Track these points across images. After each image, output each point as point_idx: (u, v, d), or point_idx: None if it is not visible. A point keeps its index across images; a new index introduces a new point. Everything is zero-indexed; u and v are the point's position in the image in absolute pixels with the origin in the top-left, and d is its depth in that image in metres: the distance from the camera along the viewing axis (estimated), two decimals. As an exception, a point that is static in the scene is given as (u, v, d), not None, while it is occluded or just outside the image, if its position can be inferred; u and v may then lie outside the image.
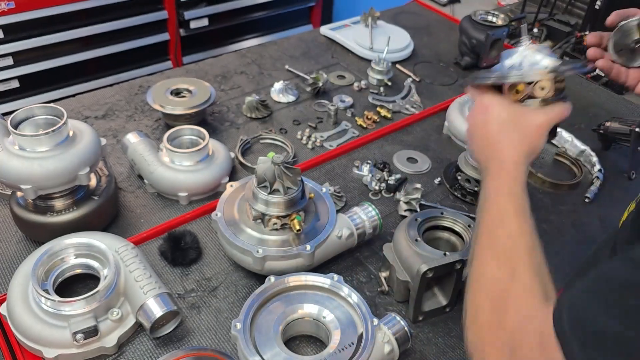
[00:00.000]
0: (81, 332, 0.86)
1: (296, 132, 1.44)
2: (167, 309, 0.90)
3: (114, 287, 0.91)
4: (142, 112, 1.47)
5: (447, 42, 1.90)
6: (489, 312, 0.65)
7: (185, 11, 2.82)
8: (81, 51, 2.64)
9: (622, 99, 1.69)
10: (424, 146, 1.43)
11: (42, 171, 0.97)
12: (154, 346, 0.93)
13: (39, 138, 0.97)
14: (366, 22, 1.86)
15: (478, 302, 0.68)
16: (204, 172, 1.18)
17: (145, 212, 1.19)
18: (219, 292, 1.03)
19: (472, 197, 1.26)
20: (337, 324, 0.90)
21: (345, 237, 1.04)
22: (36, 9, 2.40)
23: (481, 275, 0.69)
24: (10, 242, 1.10)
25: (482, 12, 1.72)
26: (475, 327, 0.66)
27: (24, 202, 1.05)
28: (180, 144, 1.23)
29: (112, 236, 1.00)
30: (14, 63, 2.47)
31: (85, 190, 1.08)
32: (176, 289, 1.03)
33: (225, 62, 1.72)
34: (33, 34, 2.46)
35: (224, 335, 0.96)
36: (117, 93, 1.54)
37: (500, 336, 0.62)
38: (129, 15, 2.68)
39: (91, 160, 1.02)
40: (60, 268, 0.96)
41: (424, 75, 1.72)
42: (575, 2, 2.15)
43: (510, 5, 2.26)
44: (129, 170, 1.28)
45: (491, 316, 0.64)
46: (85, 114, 1.45)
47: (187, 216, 1.16)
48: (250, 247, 0.98)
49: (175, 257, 1.06)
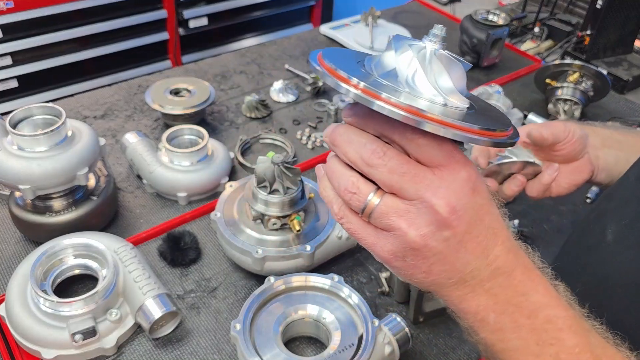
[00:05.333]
0: (80, 332, 0.85)
1: (296, 132, 1.43)
2: (167, 309, 0.89)
3: (112, 287, 0.90)
4: (141, 112, 1.46)
5: (447, 41, 1.89)
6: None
7: (184, 10, 2.81)
8: (80, 51, 2.63)
9: (623, 98, 1.68)
10: (424, 146, 1.42)
11: (41, 171, 0.96)
12: (153, 347, 0.93)
13: (38, 138, 0.96)
14: (366, 21, 1.85)
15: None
16: (203, 172, 1.18)
17: (144, 212, 1.18)
18: (219, 292, 1.03)
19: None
20: (337, 324, 0.89)
21: (346, 237, 1.04)
22: (35, 8, 2.39)
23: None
24: (9, 243, 1.09)
25: (483, 11, 1.71)
26: None
27: (22, 202, 1.05)
28: (179, 143, 1.23)
29: (111, 236, 1.00)
30: (12, 63, 2.47)
31: (84, 191, 1.08)
32: (175, 290, 1.02)
33: (225, 62, 1.71)
34: (32, 33, 2.46)
35: (223, 336, 0.95)
36: (116, 93, 1.53)
37: None
38: (128, 15, 2.67)
39: (90, 160, 1.02)
40: (59, 268, 0.95)
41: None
42: (576, 2, 2.14)
43: (511, 5, 2.25)
44: (128, 170, 1.28)
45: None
46: (84, 113, 1.44)
47: (186, 216, 1.16)
48: (249, 248, 0.98)
49: (175, 257, 1.06)
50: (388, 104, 0.43)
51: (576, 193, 1.30)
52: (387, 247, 0.48)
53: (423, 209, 0.46)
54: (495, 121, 0.49)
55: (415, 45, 0.48)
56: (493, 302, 0.50)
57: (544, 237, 1.19)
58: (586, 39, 1.82)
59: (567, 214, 1.26)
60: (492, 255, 0.49)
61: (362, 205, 0.48)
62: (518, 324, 0.49)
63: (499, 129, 0.46)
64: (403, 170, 0.46)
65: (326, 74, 0.47)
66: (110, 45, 2.70)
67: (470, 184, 0.47)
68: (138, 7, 2.70)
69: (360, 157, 0.47)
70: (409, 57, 0.47)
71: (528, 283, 0.50)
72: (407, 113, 0.42)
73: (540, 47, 1.98)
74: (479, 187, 0.48)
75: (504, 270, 0.49)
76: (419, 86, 0.46)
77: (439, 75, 0.47)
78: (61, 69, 2.61)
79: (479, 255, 0.49)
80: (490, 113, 0.51)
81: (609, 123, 0.93)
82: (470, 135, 0.43)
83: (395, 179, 0.46)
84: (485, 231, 0.49)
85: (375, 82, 0.46)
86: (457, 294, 0.50)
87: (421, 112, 0.43)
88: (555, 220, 1.24)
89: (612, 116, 1.49)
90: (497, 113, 0.52)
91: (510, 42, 1.98)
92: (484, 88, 1.51)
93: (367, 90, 0.44)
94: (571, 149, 0.86)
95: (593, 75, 1.49)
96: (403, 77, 0.46)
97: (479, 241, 0.48)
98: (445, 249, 0.48)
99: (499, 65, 1.77)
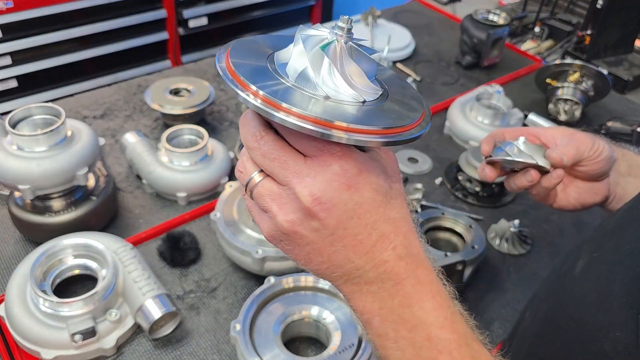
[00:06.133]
0: (79, 333, 0.85)
1: (296, 131, 1.43)
2: (166, 310, 0.89)
3: (112, 288, 0.90)
4: (141, 112, 1.46)
5: (448, 41, 1.90)
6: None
7: (184, 10, 2.81)
8: (80, 50, 2.63)
9: (623, 98, 1.68)
10: (424, 146, 1.42)
11: (40, 171, 0.96)
12: (153, 347, 0.93)
13: (37, 138, 0.96)
14: (367, 21, 1.85)
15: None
16: (203, 172, 1.18)
17: (143, 212, 1.18)
18: (218, 293, 1.03)
19: (473, 197, 1.25)
20: (338, 325, 0.89)
21: (346, 237, 1.04)
22: (35, 8, 2.38)
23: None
24: (9, 243, 1.09)
25: (483, 11, 1.71)
26: None
27: (22, 203, 1.05)
28: (179, 143, 1.23)
29: (110, 236, 1.00)
30: (12, 62, 2.46)
31: (84, 191, 1.07)
32: (175, 290, 1.02)
33: (225, 61, 1.71)
34: (31, 33, 2.45)
35: (223, 336, 0.95)
36: (115, 92, 1.53)
37: None
38: (128, 14, 2.67)
39: (90, 160, 1.02)
40: (59, 269, 0.95)
41: (425, 74, 1.72)
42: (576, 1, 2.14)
43: (512, 5, 2.25)
44: (128, 170, 1.28)
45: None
46: (83, 113, 1.44)
47: (186, 216, 1.16)
48: (249, 248, 0.98)
49: (174, 257, 1.06)
50: (252, 95, 0.44)
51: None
52: (266, 228, 0.50)
53: (291, 195, 0.47)
54: (401, 114, 0.48)
55: (314, 38, 0.47)
56: (378, 307, 0.49)
57: (544, 237, 1.19)
58: (586, 39, 1.82)
59: (567, 213, 1.25)
60: (379, 258, 0.48)
61: (245, 184, 0.50)
62: (399, 335, 0.49)
63: (396, 125, 0.45)
64: (274, 155, 0.47)
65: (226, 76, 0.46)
66: (110, 45, 2.69)
67: (344, 178, 0.46)
68: (138, 7, 2.69)
69: (245, 139, 0.49)
70: (300, 50, 0.47)
71: (416, 296, 0.48)
72: (264, 106, 0.43)
73: (541, 47, 1.98)
74: (360, 185, 0.47)
75: (392, 277, 0.48)
76: (310, 79, 0.46)
77: (342, 67, 0.47)
78: (61, 69, 2.60)
79: (361, 254, 0.48)
80: (403, 102, 0.50)
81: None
82: (331, 132, 0.43)
83: (267, 163, 0.47)
84: (367, 231, 0.48)
85: (256, 71, 0.46)
86: (346, 290, 0.51)
87: (280, 105, 0.43)
88: (555, 220, 1.24)
89: (613, 116, 1.49)
90: (412, 102, 0.50)
91: (511, 41, 1.97)
92: (484, 88, 1.51)
93: (241, 81, 0.45)
94: (595, 168, 0.80)
95: (593, 75, 1.49)
96: (293, 70, 0.47)
97: (360, 240, 0.48)
98: (318, 239, 0.47)
99: (499, 65, 1.77)
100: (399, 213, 0.50)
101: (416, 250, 0.50)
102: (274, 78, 0.47)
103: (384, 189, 0.49)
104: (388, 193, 0.49)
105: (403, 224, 0.50)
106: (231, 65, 0.46)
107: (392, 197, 0.49)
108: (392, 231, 0.49)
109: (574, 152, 0.79)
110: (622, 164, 0.82)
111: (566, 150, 0.79)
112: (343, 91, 0.46)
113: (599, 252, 0.61)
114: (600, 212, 1.25)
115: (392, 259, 0.48)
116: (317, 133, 0.43)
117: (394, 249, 0.48)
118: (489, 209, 1.25)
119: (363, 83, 0.48)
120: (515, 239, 1.14)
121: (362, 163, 0.47)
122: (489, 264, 1.11)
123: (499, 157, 0.83)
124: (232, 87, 0.45)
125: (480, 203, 1.25)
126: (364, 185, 0.47)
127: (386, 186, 0.49)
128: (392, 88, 0.51)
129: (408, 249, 0.49)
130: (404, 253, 0.49)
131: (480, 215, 1.22)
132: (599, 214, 1.25)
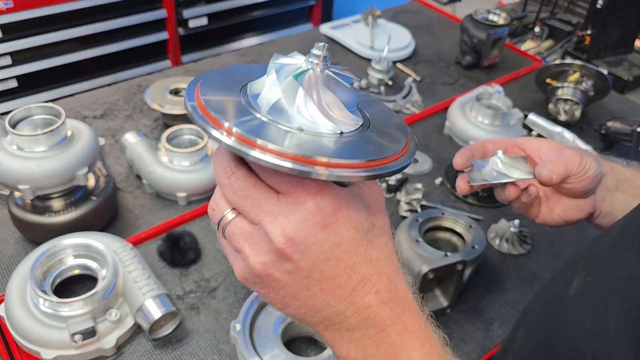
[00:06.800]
0: (79, 333, 0.85)
1: (296, 131, 1.43)
2: (166, 310, 0.89)
3: (112, 288, 0.90)
4: (141, 112, 1.46)
5: (448, 41, 1.90)
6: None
7: (184, 10, 2.81)
8: (80, 50, 2.63)
9: (623, 98, 1.68)
10: (424, 146, 1.42)
11: (40, 171, 0.96)
12: (153, 347, 0.93)
13: (37, 138, 0.96)
14: (366, 21, 1.85)
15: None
16: (203, 172, 1.18)
17: (144, 212, 1.18)
18: (218, 293, 1.03)
19: (473, 197, 1.25)
20: (338, 325, 0.89)
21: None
22: (35, 8, 2.39)
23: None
24: (9, 243, 1.09)
25: (483, 11, 1.71)
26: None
27: (22, 203, 1.05)
28: (179, 143, 1.23)
29: (110, 236, 1.00)
30: (12, 62, 2.46)
31: (84, 191, 1.07)
32: (175, 290, 1.02)
33: (225, 62, 1.71)
34: (31, 33, 2.45)
35: (223, 336, 0.95)
36: (115, 92, 1.53)
37: None
38: (128, 14, 2.67)
39: (90, 160, 1.02)
40: (59, 269, 0.95)
41: (425, 74, 1.72)
42: (576, 1, 2.14)
43: (512, 5, 2.25)
44: (128, 170, 1.28)
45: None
46: (83, 113, 1.44)
47: (186, 216, 1.16)
48: (249, 248, 0.97)
49: (174, 257, 1.06)
50: (226, 132, 0.41)
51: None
52: (238, 269, 0.47)
53: (263, 235, 0.43)
54: (383, 144, 0.44)
55: (288, 67, 0.45)
56: (362, 356, 0.46)
57: (544, 237, 1.19)
58: (587, 39, 1.82)
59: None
60: (360, 303, 0.45)
61: (217, 222, 0.47)
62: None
63: (379, 157, 0.42)
64: (245, 192, 0.44)
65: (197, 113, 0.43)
66: (110, 45, 2.69)
67: (319, 217, 0.42)
68: (138, 7, 2.70)
69: (216, 174, 0.46)
70: (273, 80, 0.44)
71: (402, 345, 0.45)
72: (237, 143, 0.40)
73: (541, 47, 1.98)
74: (337, 224, 0.43)
75: (376, 324, 0.45)
76: (284, 110, 0.43)
77: (318, 97, 0.44)
78: (61, 69, 2.60)
79: (341, 298, 0.45)
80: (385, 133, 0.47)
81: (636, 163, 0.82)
82: (311, 169, 0.39)
83: (238, 200, 0.44)
84: (347, 273, 0.44)
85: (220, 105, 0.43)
86: (327, 336, 0.47)
87: (255, 142, 0.40)
88: (555, 220, 1.24)
89: (613, 116, 1.49)
90: (395, 132, 0.48)
91: (511, 41, 1.98)
92: (484, 88, 1.51)
93: (213, 117, 0.41)
94: (581, 185, 0.77)
95: (593, 75, 1.49)
96: (266, 101, 0.44)
97: (338, 283, 0.44)
98: (292, 283, 0.44)
99: (499, 65, 1.77)
100: (383, 252, 0.46)
101: (402, 293, 0.47)
102: (246, 112, 0.44)
103: (365, 227, 0.45)
104: (370, 231, 0.46)
105: (387, 264, 0.46)
106: (201, 101, 0.43)
107: (374, 236, 0.46)
108: (374, 273, 0.45)
109: (563, 170, 0.75)
110: (610, 179, 0.79)
111: (555, 167, 0.75)
112: (319, 122, 0.43)
113: (593, 274, 0.59)
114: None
115: (375, 304, 0.45)
116: (295, 171, 0.39)
117: (377, 293, 0.45)
118: (489, 209, 1.25)
119: (341, 114, 0.45)
120: (515, 239, 1.14)
121: (341, 199, 0.44)
122: (489, 264, 1.11)
123: (476, 184, 0.80)
124: (203, 125, 0.41)
125: (480, 203, 1.25)
126: (342, 224, 0.43)
127: (368, 224, 0.45)
128: (375, 117, 0.48)
129: (393, 293, 0.46)
130: (388, 297, 0.45)
131: (480, 215, 1.22)
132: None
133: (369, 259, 0.45)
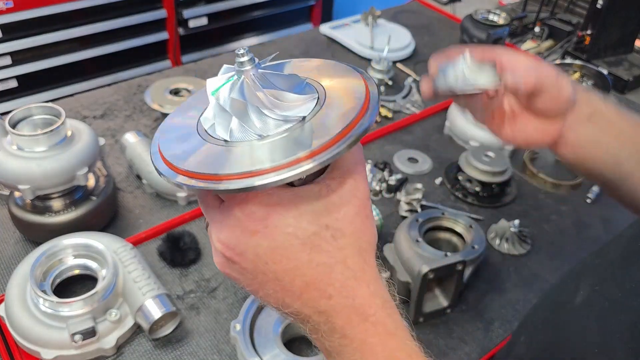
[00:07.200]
0: (79, 333, 0.85)
1: (296, 131, 1.43)
2: (166, 310, 0.89)
3: (112, 288, 0.90)
4: (141, 112, 1.46)
5: (448, 41, 1.90)
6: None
7: (184, 10, 2.81)
8: (80, 50, 2.63)
9: (623, 98, 1.68)
10: (424, 146, 1.42)
11: (40, 171, 0.96)
12: (153, 347, 0.93)
13: (37, 138, 0.96)
14: (366, 21, 1.85)
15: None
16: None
17: (144, 212, 1.18)
18: (218, 293, 1.03)
19: (473, 197, 1.25)
20: (338, 325, 0.89)
21: (346, 237, 1.04)
22: (34, 8, 2.38)
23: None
24: (9, 243, 1.09)
25: (483, 11, 1.71)
26: None
27: (22, 203, 1.05)
28: (179, 143, 1.22)
29: (110, 236, 1.00)
30: (12, 62, 2.46)
31: (84, 191, 1.07)
32: (175, 290, 1.02)
33: (225, 62, 1.70)
34: (31, 33, 2.45)
35: (223, 336, 0.95)
36: (115, 92, 1.53)
37: None
38: (128, 14, 2.66)
39: (90, 160, 1.02)
40: (59, 269, 0.95)
41: (425, 74, 1.71)
42: (576, 1, 2.14)
43: (512, 5, 2.25)
44: (128, 170, 1.28)
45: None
46: (83, 113, 1.44)
47: (186, 216, 1.16)
48: (249, 248, 0.98)
49: (174, 257, 1.06)
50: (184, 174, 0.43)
51: (577, 193, 1.30)
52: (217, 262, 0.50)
53: None
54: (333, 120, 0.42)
55: (222, 87, 0.46)
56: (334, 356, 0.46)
57: (544, 237, 1.19)
58: (587, 39, 1.82)
59: (568, 214, 1.26)
60: (315, 307, 0.44)
61: None
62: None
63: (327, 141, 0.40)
64: (200, 200, 0.49)
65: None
66: (110, 45, 2.69)
67: (247, 223, 0.43)
68: (138, 7, 2.69)
69: None
70: (215, 105, 0.46)
71: (362, 356, 0.45)
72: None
73: (541, 47, 1.98)
74: (268, 229, 0.42)
75: (337, 329, 0.44)
76: (241, 126, 0.44)
77: (267, 98, 0.44)
78: (61, 69, 2.60)
79: (294, 299, 0.44)
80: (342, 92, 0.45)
81: None
82: (210, 186, 0.41)
83: (201, 206, 0.49)
84: (289, 277, 0.43)
85: None
86: (312, 336, 0.47)
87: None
88: (555, 220, 1.24)
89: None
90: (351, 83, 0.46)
91: (511, 41, 1.97)
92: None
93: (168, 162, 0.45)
94: (551, 106, 0.70)
95: (594, 75, 1.49)
96: (221, 127, 0.45)
97: (283, 285, 0.44)
98: (248, 281, 0.46)
99: (499, 65, 1.77)
100: (334, 258, 0.43)
101: (360, 301, 0.44)
102: (200, 142, 0.45)
103: (308, 230, 0.42)
104: (317, 234, 0.43)
105: (340, 270, 0.44)
106: (160, 148, 0.46)
107: (323, 239, 0.43)
108: (321, 279, 0.43)
109: (534, 82, 0.68)
110: (585, 109, 0.72)
111: (526, 76, 0.68)
112: (279, 119, 0.43)
113: (600, 285, 0.58)
114: (600, 214, 1.25)
115: (328, 310, 0.44)
116: (201, 188, 0.42)
117: (329, 299, 0.43)
118: (489, 209, 1.25)
119: (293, 100, 0.44)
120: (515, 239, 1.14)
121: (277, 204, 0.42)
122: (489, 264, 1.11)
123: (440, 90, 0.74)
124: (161, 173, 0.44)
125: (480, 203, 1.25)
126: (273, 230, 0.42)
127: (314, 227, 0.43)
128: (326, 79, 0.47)
129: (348, 300, 0.44)
130: (343, 304, 0.44)
131: (480, 215, 1.22)
132: (598, 216, 1.25)
133: (314, 263, 0.43)
